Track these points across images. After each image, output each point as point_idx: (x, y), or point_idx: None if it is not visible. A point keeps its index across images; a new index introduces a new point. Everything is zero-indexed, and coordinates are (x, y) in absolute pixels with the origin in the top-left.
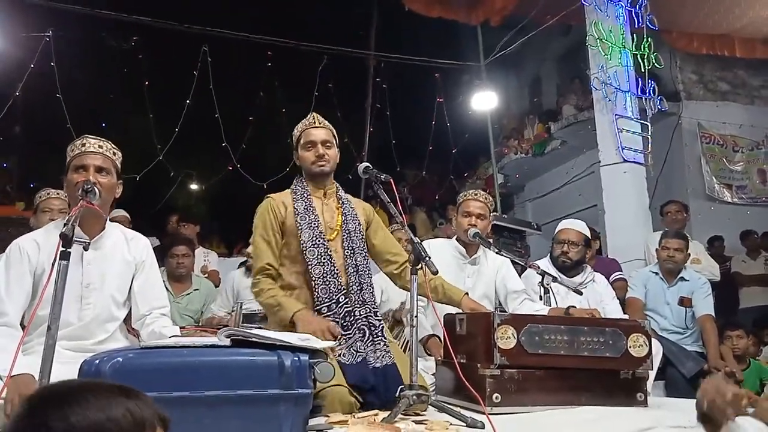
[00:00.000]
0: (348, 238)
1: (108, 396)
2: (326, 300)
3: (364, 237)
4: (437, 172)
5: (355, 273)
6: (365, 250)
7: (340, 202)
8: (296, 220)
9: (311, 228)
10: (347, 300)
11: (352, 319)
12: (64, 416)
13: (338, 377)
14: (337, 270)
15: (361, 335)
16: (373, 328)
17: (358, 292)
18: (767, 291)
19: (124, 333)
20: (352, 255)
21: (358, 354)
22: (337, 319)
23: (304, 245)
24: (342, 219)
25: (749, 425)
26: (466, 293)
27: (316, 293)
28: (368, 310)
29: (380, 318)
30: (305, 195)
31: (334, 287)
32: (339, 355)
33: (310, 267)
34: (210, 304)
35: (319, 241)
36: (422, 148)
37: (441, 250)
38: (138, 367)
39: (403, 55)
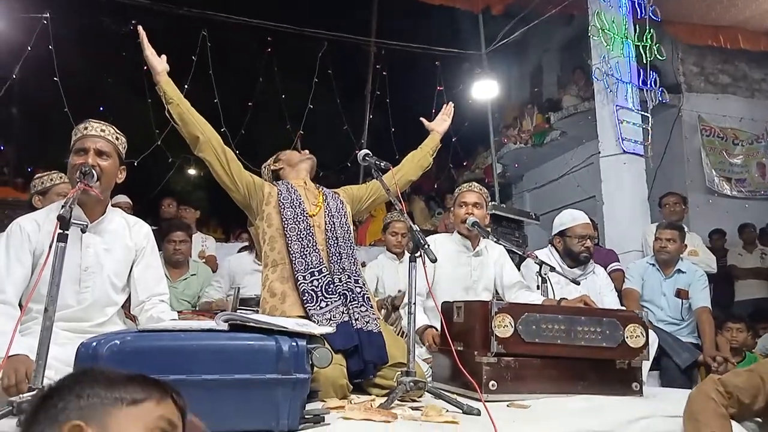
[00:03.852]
0: (329, 214)
1: (114, 375)
2: (304, 271)
3: (346, 214)
4: (436, 161)
5: (335, 245)
6: (347, 225)
7: (320, 188)
8: (279, 199)
9: (293, 207)
10: (328, 272)
11: (333, 287)
12: (78, 394)
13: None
14: (317, 245)
15: (342, 299)
16: (352, 293)
17: (338, 261)
18: (762, 284)
19: (122, 318)
20: (332, 229)
21: (342, 316)
22: (319, 290)
23: (286, 222)
24: (323, 197)
25: None
26: (437, 132)
27: (295, 266)
28: (348, 277)
29: (362, 285)
30: (287, 182)
31: (314, 261)
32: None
33: (289, 243)
34: (207, 288)
35: (300, 218)
36: (421, 136)
37: (445, 245)
38: (135, 349)
39: (403, 42)
